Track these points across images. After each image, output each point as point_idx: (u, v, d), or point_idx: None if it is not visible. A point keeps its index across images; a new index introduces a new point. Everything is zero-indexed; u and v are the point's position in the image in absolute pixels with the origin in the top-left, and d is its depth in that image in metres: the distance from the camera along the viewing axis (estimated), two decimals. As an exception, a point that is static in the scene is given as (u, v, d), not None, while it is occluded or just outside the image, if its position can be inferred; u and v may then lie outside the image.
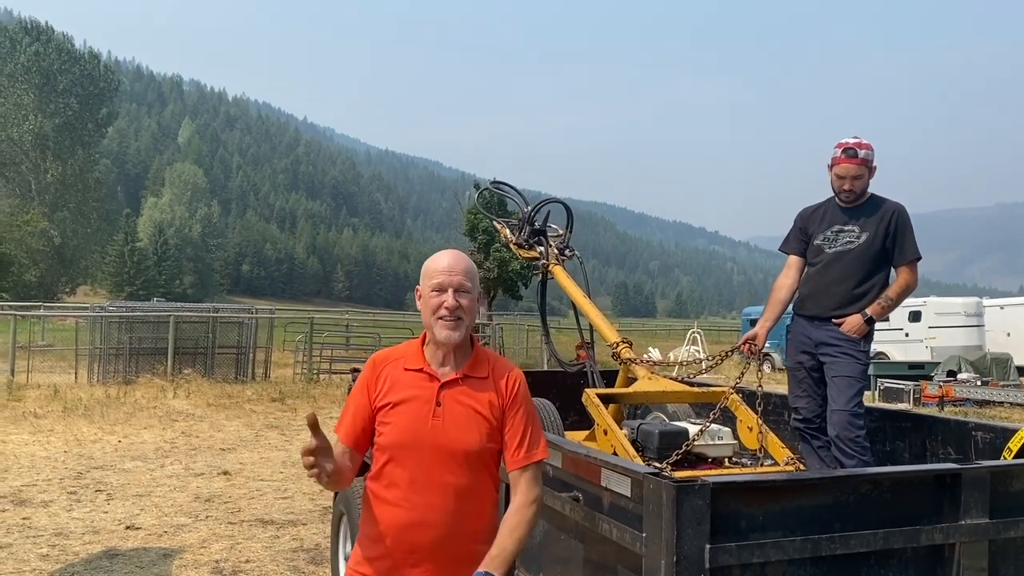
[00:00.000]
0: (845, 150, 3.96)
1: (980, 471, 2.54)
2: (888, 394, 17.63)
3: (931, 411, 14.72)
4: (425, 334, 2.45)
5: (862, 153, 3.96)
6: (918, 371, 19.28)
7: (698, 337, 30.31)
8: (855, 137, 4.02)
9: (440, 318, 2.35)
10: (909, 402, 16.80)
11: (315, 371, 19.55)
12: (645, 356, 9.06)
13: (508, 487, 2.46)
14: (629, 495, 2.44)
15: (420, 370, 2.39)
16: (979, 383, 17.25)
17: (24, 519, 6.87)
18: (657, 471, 2.34)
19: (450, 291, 2.35)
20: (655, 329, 67.73)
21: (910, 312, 25.77)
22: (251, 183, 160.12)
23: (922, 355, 23.60)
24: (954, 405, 16.39)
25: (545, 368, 14.03)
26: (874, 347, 24.74)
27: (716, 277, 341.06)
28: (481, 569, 2.26)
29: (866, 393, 13.97)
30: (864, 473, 2.78)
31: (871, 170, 4.01)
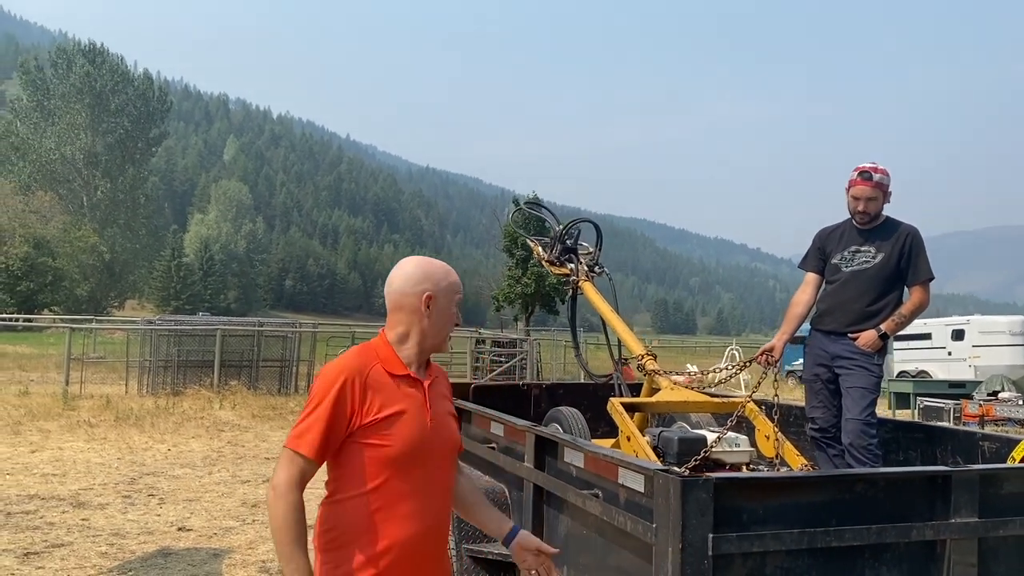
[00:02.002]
0: (861, 173, 4.21)
1: (970, 473, 2.73)
2: (928, 413, 17.45)
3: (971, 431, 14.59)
4: (384, 336, 2.43)
5: (876, 177, 4.19)
6: (959, 390, 19.09)
7: (736, 354, 30.27)
8: (872, 163, 4.26)
9: (450, 333, 2.49)
10: (949, 421, 16.63)
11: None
12: (684, 373, 9.27)
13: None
14: (642, 490, 2.68)
15: (406, 375, 2.37)
16: (1020, 402, 17.03)
17: (83, 520, 7.26)
18: (667, 469, 2.57)
19: (458, 308, 2.51)
20: (694, 346, 67.37)
21: (953, 331, 25.52)
22: (295, 200, 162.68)
23: (965, 374, 23.32)
24: (995, 424, 16.20)
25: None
26: (916, 365, 24.62)
27: (758, 294, 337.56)
28: (514, 526, 2.60)
29: (906, 411, 13.78)
30: (858, 473, 2.99)
31: (885, 194, 4.24)
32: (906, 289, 4.33)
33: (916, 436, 4.21)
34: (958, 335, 25.34)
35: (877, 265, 4.23)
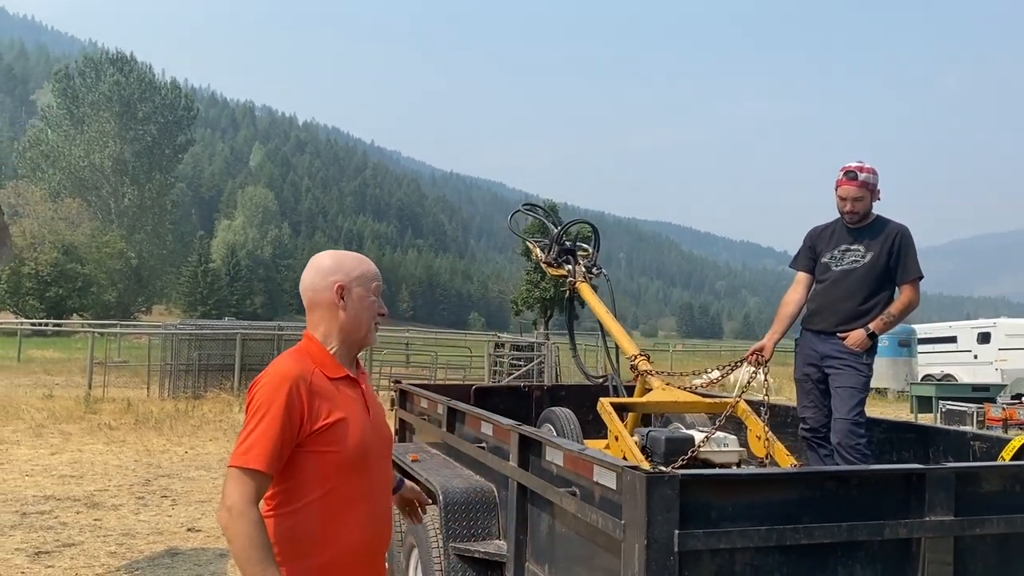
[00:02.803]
0: (847, 172, 4.20)
1: (944, 471, 2.71)
2: (950, 417, 17.22)
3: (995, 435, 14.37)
4: (314, 338, 2.33)
5: (862, 176, 4.18)
6: (982, 393, 18.83)
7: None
8: (859, 161, 4.25)
9: (376, 323, 2.39)
10: (972, 424, 16.41)
11: (375, 388, 20.08)
12: (703, 377, 9.26)
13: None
14: (615, 487, 2.69)
15: (345, 377, 2.31)
16: (1045, 406, 16.75)
17: (95, 520, 7.38)
18: (634, 465, 2.58)
19: (380, 297, 2.41)
20: (719, 350, 66.85)
21: (979, 333, 25.22)
22: (320, 206, 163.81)
23: (991, 377, 22.97)
24: (1019, 428, 15.97)
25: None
26: (941, 369, 24.36)
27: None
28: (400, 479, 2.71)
29: (928, 415, 13.69)
30: (829, 471, 2.98)
31: (872, 193, 4.22)
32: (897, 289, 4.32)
33: (909, 436, 4.19)
34: (984, 338, 25.03)
35: (867, 264, 4.22)
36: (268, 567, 2.01)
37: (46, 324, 41.82)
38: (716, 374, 4.82)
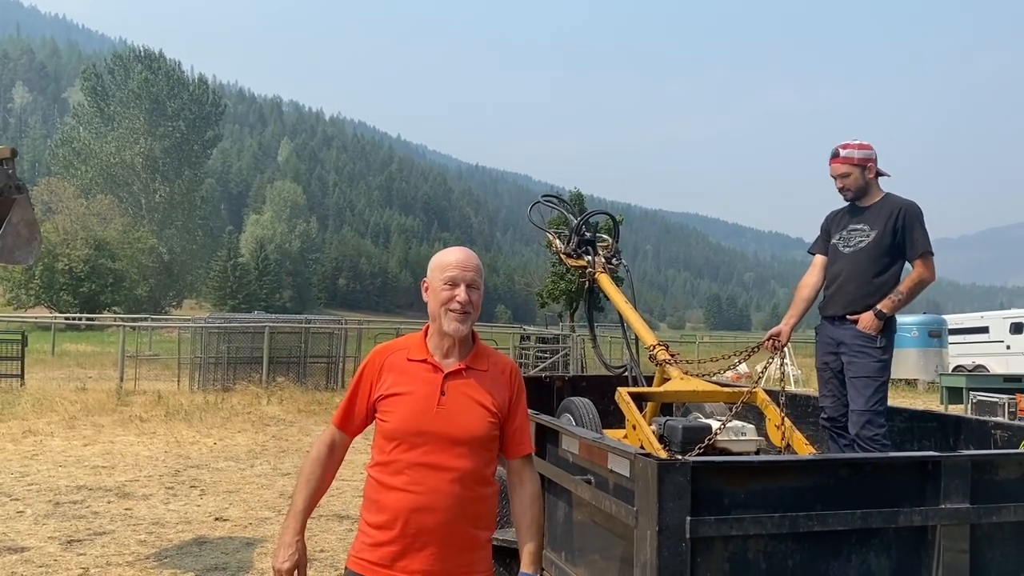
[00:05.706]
0: (832, 153, 4.26)
1: (960, 459, 2.71)
2: (981, 407, 17.02)
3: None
4: (427, 327, 2.57)
5: (844, 152, 4.25)
6: (1015, 384, 18.56)
7: (787, 351, 29.88)
8: (851, 140, 4.29)
9: (451, 311, 2.47)
10: (1004, 415, 16.21)
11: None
12: (731, 370, 9.18)
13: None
14: (628, 475, 2.71)
15: (424, 361, 2.50)
16: (1079, 396, 16.48)
17: (126, 510, 7.52)
18: (647, 452, 2.60)
19: (462, 286, 2.47)
20: (747, 342, 66.42)
21: (1012, 324, 24.85)
22: (347, 200, 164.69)
23: (1024, 368, 22.65)
24: (1052, 419, 15.75)
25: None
26: (973, 359, 24.00)
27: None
28: (527, 570, 2.47)
29: (959, 406, 13.48)
30: (842, 458, 2.97)
31: (863, 167, 4.21)
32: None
33: (930, 425, 4.16)
34: (1017, 328, 24.64)
35: (871, 243, 4.19)
36: (297, 493, 2.56)
37: (79, 319, 42.46)
38: (743, 367, 4.82)
